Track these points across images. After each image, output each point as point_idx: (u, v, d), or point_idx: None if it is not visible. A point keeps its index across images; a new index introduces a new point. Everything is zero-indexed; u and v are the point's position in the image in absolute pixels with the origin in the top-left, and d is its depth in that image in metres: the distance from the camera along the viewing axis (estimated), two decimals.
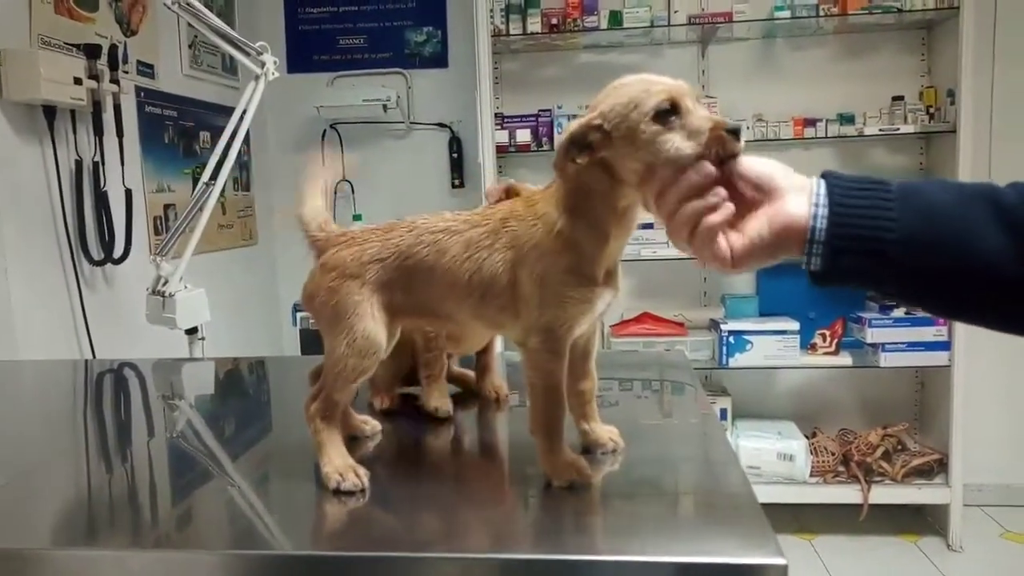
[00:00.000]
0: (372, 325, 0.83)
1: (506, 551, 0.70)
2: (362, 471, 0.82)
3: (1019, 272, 0.64)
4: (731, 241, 0.71)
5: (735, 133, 0.71)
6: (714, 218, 0.70)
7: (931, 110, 2.86)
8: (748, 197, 0.72)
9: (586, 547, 0.71)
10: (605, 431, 0.90)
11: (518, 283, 0.79)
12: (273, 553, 0.72)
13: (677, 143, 0.71)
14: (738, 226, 0.71)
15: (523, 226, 0.80)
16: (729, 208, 0.71)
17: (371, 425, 0.99)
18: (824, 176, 0.70)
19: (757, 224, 0.70)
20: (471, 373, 1.18)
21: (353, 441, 0.96)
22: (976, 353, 2.85)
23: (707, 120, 0.72)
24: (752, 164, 0.72)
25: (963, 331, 2.75)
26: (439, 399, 1.05)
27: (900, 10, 2.76)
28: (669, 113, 0.72)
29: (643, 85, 0.74)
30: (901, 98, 2.89)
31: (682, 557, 0.65)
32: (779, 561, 0.63)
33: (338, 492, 0.80)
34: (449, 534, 0.74)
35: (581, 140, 0.75)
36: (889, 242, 0.66)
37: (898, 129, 2.82)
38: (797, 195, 0.69)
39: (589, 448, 0.89)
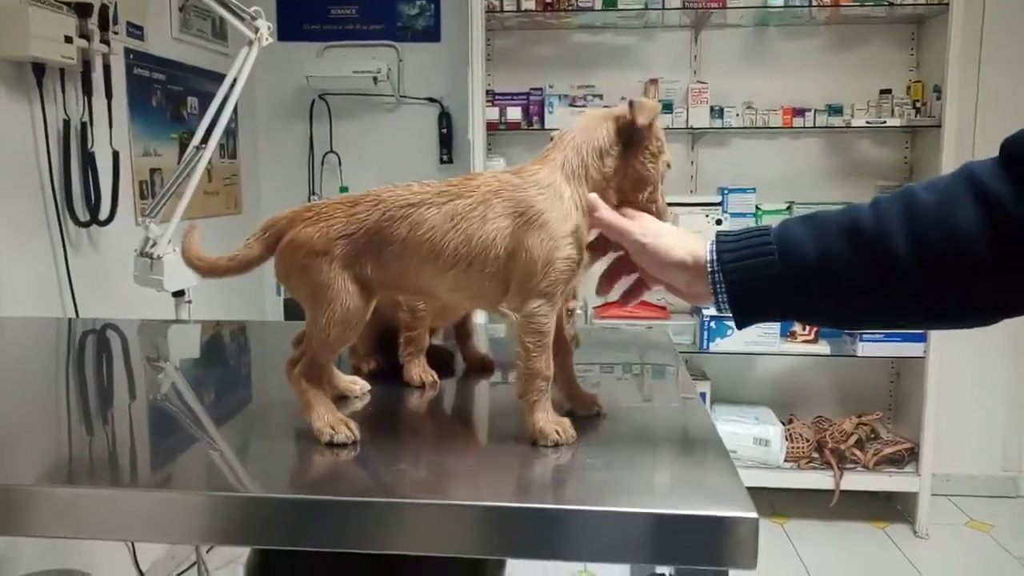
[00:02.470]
0: (349, 297, 0.84)
1: (491, 500, 0.72)
2: (353, 424, 0.84)
3: (872, 294, 0.76)
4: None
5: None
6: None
7: (917, 104, 2.89)
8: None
9: (568, 498, 0.74)
10: (588, 395, 0.93)
11: (522, 250, 0.81)
12: (257, 495, 0.73)
13: (661, 162, 0.89)
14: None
15: (525, 195, 0.82)
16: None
17: (360, 385, 1.01)
18: (715, 238, 0.81)
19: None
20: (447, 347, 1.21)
21: (342, 401, 0.97)
22: (950, 346, 2.91)
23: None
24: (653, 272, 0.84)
25: None
26: (423, 372, 1.07)
27: (891, 4, 2.78)
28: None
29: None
30: (889, 91, 2.92)
31: (659, 509, 0.68)
32: (750, 515, 0.66)
33: (332, 445, 0.82)
34: (436, 485, 0.77)
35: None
36: (774, 286, 0.78)
37: (885, 122, 2.86)
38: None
39: (574, 411, 0.92)
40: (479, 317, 1.31)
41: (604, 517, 0.68)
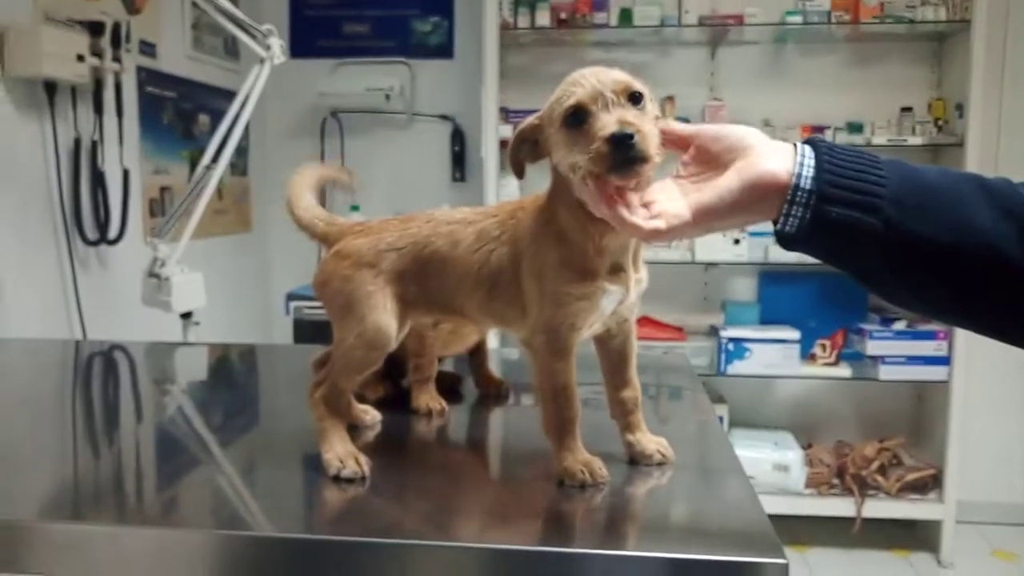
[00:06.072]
0: (384, 317, 0.81)
1: (505, 542, 0.68)
2: (363, 458, 0.80)
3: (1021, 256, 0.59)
4: (693, 198, 0.65)
5: (619, 142, 0.64)
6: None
7: (939, 123, 2.84)
8: (718, 159, 0.66)
9: (587, 541, 0.70)
10: (653, 442, 0.85)
11: (521, 278, 0.78)
12: (263, 535, 0.70)
13: (572, 157, 0.68)
14: (703, 184, 0.66)
15: (526, 219, 0.79)
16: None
17: (371, 415, 0.98)
18: (808, 141, 0.65)
19: (726, 179, 0.64)
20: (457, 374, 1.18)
21: (353, 430, 0.94)
22: (975, 369, 2.83)
23: (601, 129, 0.66)
24: (721, 127, 0.67)
25: (963, 346, 2.73)
26: (431, 400, 1.04)
27: (912, 21, 2.74)
28: (579, 120, 0.68)
29: (567, 87, 0.70)
30: (910, 109, 2.87)
31: (685, 554, 0.64)
32: (779, 560, 0.62)
33: (338, 479, 0.79)
34: (447, 523, 0.73)
35: (530, 137, 0.75)
36: (881, 197, 0.60)
37: (906, 140, 2.80)
38: (775, 153, 0.63)
39: (636, 460, 0.84)
40: (492, 342, 1.27)
41: (623, 562, 0.63)
